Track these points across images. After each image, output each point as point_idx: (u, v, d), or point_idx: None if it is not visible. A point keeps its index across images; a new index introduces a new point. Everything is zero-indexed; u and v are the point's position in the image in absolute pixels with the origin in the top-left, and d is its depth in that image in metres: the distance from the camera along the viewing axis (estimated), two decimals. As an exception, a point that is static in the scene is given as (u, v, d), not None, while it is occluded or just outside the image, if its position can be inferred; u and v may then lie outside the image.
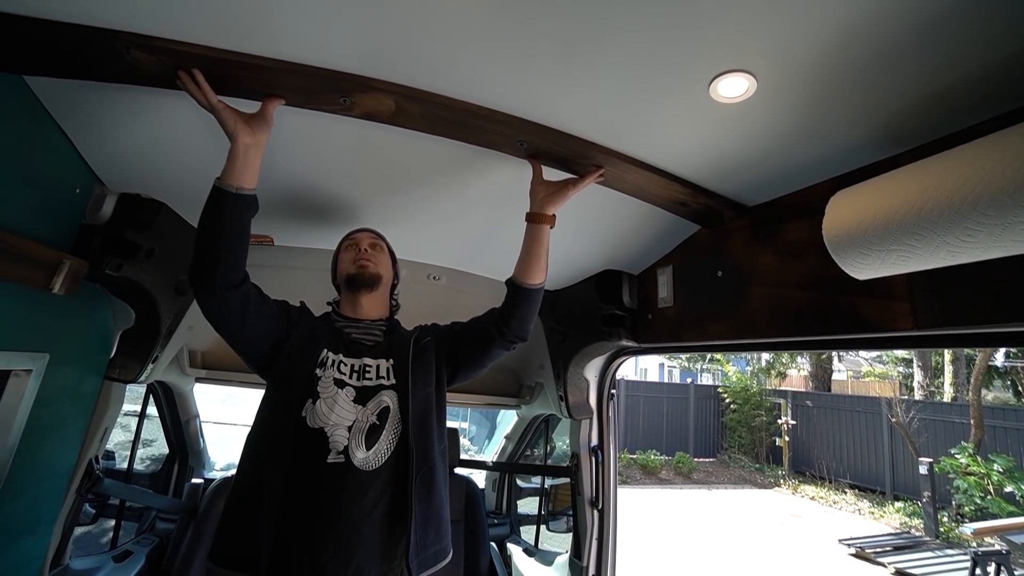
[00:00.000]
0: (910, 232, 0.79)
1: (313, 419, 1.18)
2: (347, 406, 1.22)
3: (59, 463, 1.39)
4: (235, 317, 1.16)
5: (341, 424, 1.19)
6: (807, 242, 1.19)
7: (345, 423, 1.20)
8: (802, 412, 11.47)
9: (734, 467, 11.69)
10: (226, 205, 1.07)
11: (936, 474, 7.50)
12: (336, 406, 1.20)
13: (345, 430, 1.19)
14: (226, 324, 1.17)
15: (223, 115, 1.02)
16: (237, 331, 1.20)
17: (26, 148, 1.08)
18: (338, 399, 1.21)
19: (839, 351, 5.47)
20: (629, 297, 1.82)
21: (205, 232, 1.08)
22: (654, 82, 0.92)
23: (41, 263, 1.14)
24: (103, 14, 0.86)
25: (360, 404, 1.24)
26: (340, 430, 1.19)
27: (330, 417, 1.19)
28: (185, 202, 1.46)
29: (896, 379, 13.77)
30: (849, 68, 0.82)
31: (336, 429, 1.18)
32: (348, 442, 1.18)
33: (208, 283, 1.09)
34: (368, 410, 1.24)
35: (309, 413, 1.19)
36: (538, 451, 3.11)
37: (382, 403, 1.26)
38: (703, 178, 1.26)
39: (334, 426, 1.18)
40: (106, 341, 1.51)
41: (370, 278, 1.37)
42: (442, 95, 1.03)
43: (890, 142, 0.98)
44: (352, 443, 1.19)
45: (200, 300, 1.13)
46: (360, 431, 1.21)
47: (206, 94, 0.98)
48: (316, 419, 1.18)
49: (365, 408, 1.24)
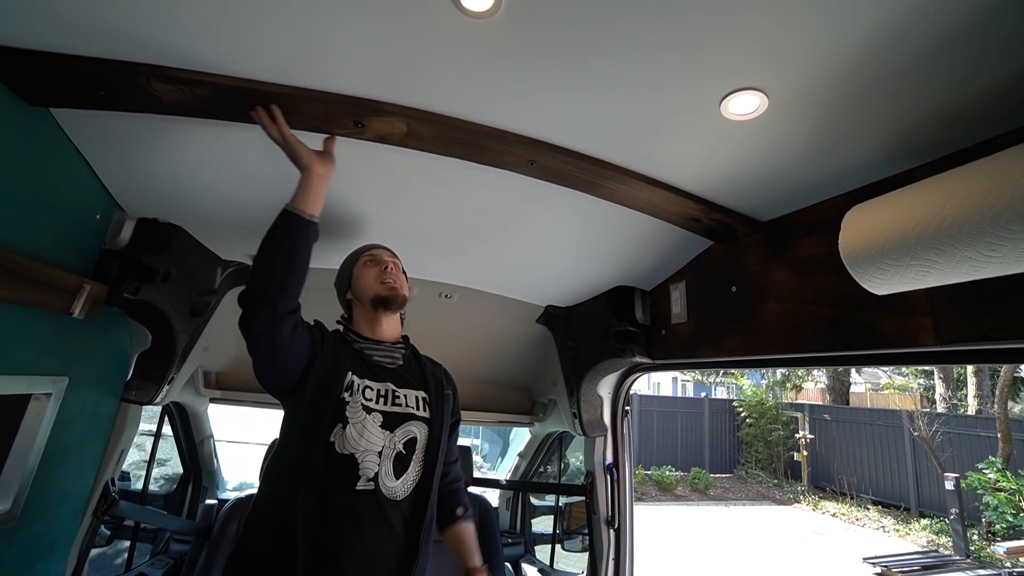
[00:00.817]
0: (930, 247, 0.77)
1: (343, 444, 1.15)
2: (376, 432, 1.20)
3: (76, 486, 1.40)
4: (285, 343, 1.11)
5: (371, 450, 1.17)
6: (823, 257, 1.18)
7: (375, 449, 1.18)
8: (820, 426, 11.22)
9: (752, 483, 11.42)
10: (300, 231, 1.06)
11: (963, 490, 7.24)
12: (366, 431, 1.18)
13: (376, 455, 1.18)
14: (273, 350, 1.11)
15: (296, 148, 1.05)
16: (282, 357, 1.13)
17: (51, 177, 1.11)
18: (367, 424, 1.19)
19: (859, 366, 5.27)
20: (642, 313, 1.81)
21: (274, 258, 1.06)
22: (665, 101, 0.93)
23: (62, 288, 1.17)
24: (124, 48, 0.89)
25: (388, 430, 1.22)
26: (371, 456, 1.17)
27: (360, 443, 1.16)
28: (200, 225, 1.48)
29: (917, 391, 13.44)
30: (862, 85, 0.81)
31: (367, 455, 1.16)
32: (379, 468, 1.17)
33: (270, 309, 1.06)
34: (396, 437, 1.22)
35: (339, 438, 1.16)
36: (552, 468, 3.07)
37: (410, 433, 1.25)
38: (716, 194, 1.26)
39: (364, 452, 1.16)
40: (123, 363, 1.53)
41: (403, 301, 1.34)
42: (454, 117, 1.04)
43: (905, 156, 0.97)
44: (382, 470, 1.18)
45: (254, 324, 1.07)
46: (389, 458, 1.20)
47: (280, 128, 1.02)
48: (346, 445, 1.15)
49: (393, 435, 1.22)
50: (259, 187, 1.32)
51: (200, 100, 0.99)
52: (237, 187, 1.32)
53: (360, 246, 1.45)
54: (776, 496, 10.63)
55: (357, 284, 1.36)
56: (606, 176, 1.20)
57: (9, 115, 0.99)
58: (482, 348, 2.37)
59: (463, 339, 2.29)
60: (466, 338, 2.29)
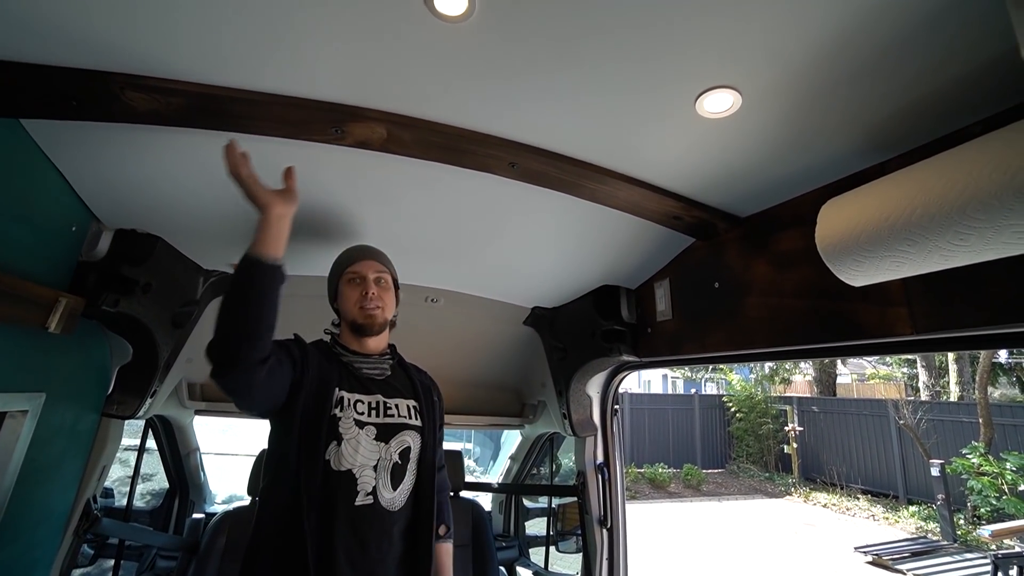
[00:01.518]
0: (902, 238, 0.79)
1: (338, 461, 1.14)
2: (370, 445, 1.19)
3: (56, 504, 1.37)
4: (262, 383, 1.05)
5: (367, 464, 1.17)
6: (801, 251, 1.20)
7: (371, 463, 1.18)
8: (809, 418, 11.37)
9: (743, 477, 11.53)
10: (264, 277, 1.00)
11: (949, 475, 7.39)
12: (360, 447, 1.17)
13: (372, 470, 1.17)
14: (250, 393, 1.05)
15: (253, 188, 1.03)
16: (261, 394, 1.08)
17: (22, 189, 1.08)
18: (361, 439, 1.18)
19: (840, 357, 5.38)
20: (628, 312, 1.82)
21: (241, 309, 0.99)
22: (641, 101, 0.94)
23: (37, 302, 1.14)
24: (97, 58, 0.87)
25: (382, 442, 1.21)
26: (367, 470, 1.17)
27: (356, 458, 1.16)
28: (180, 235, 1.46)
29: (901, 380, 13.69)
30: (831, 80, 0.83)
31: (363, 470, 1.16)
32: (376, 482, 1.17)
33: (242, 365, 0.99)
34: (391, 448, 1.22)
35: (334, 456, 1.14)
36: (544, 470, 3.07)
37: (404, 442, 1.25)
38: (695, 191, 1.28)
39: (361, 467, 1.16)
40: (103, 377, 1.50)
41: (380, 328, 1.31)
42: (433, 121, 1.04)
43: (877, 149, 0.99)
44: (379, 483, 1.17)
45: (226, 381, 1.00)
46: (385, 469, 1.20)
47: (244, 167, 1.02)
48: (342, 461, 1.15)
49: (388, 446, 1.22)
50: (237, 194, 1.30)
51: (175, 108, 0.98)
52: (217, 195, 1.30)
53: (348, 250, 1.40)
54: (768, 489, 10.75)
55: (340, 303, 1.35)
56: (586, 176, 1.20)
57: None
58: (470, 351, 2.37)
59: (450, 343, 2.28)
60: (453, 342, 2.28)
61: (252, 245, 1.02)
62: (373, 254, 1.39)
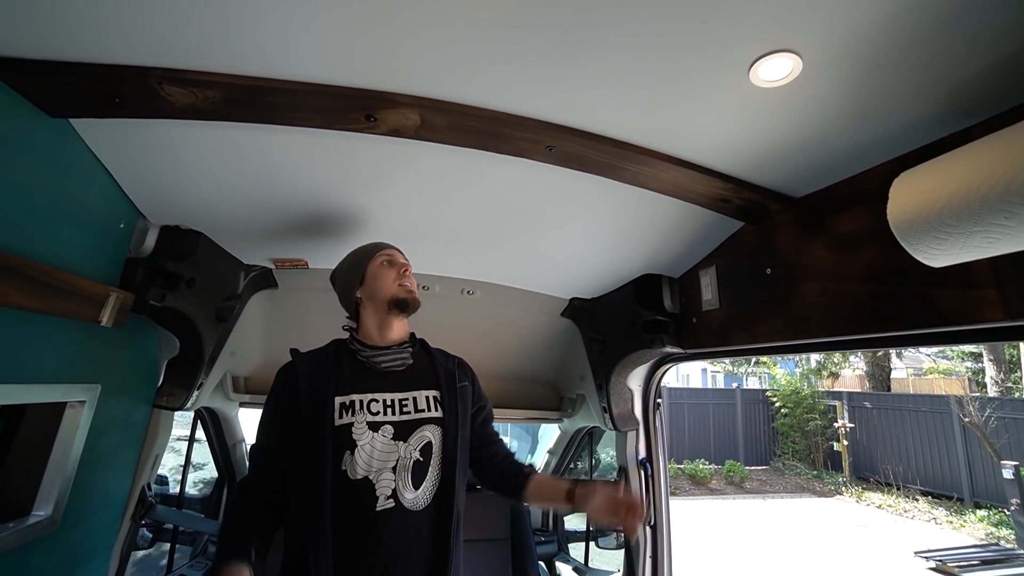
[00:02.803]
0: (998, 210, 0.70)
1: (354, 470, 1.12)
2: (387, 446, 1.16)
3: (113, 491, 1.43)
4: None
5: (385, 467, 1.14)
6: (865, 231, 1.10)
7: (389, 465, 1.15)
8: (860, 414, 10.80)
9: (789, 475, 11.09)
10: None
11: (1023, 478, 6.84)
12: (375, 451, 1.14)
13: (391, 472, 1.14)
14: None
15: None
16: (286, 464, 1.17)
17: (74, 188, 1.12)
18: (376, 443, 1.15)
19: (913, 347, 5.07)
20: (671, 301, 1.74)
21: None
22: (689, 72, 0.87)
23: (90, 297, 1.18)
24: (134, 53, 0.88)
25: (401, 440, 1.18)
26: (385, 473, 1.13)
27: (372, 464, 1.13)
28: (221, 230, 1.49)
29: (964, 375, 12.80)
30: (906, 38, 0.74)
31: (381, 474, 1.13)
32: (395, 484, 1.14)
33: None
34: (411, 446, 1.18)
35: (349, 465, 1.12)
36: (583, 464, 3.02)
37: (424, 438, 1.20)
38: (745, 171, 1.19)
39: (378, 471, 1.13)
40: (153, 370, 1.55)
41: (417, 304, 1.31)
42: (467, 104, 1.01)
43: (959, 115, 0.89)
44: (399, 484, 1.14)
45: None
46: (406, 469, 1.16)
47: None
48: (357, 469, 1.12)
49: (407, 444, 1.18)
50: (277, 188, 1.31)
51: (212, 102, 0.98)
52: (255, 189, 1.31)
53: (369, 244, 1.39)
54: (816, 488, 10.30)
55: (373, 284, 1.30)
56: (627, 158, 1.14)
57: (31, 128, 1.00)
58: (506, 344, 2.34)
59: (487, 335, 2.26)
60: (490, 334, 2.26)
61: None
62: (394, 247, 1.40)
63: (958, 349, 12.93)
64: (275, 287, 1.85)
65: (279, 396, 1.22)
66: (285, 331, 2.03)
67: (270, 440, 1.19)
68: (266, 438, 1.20)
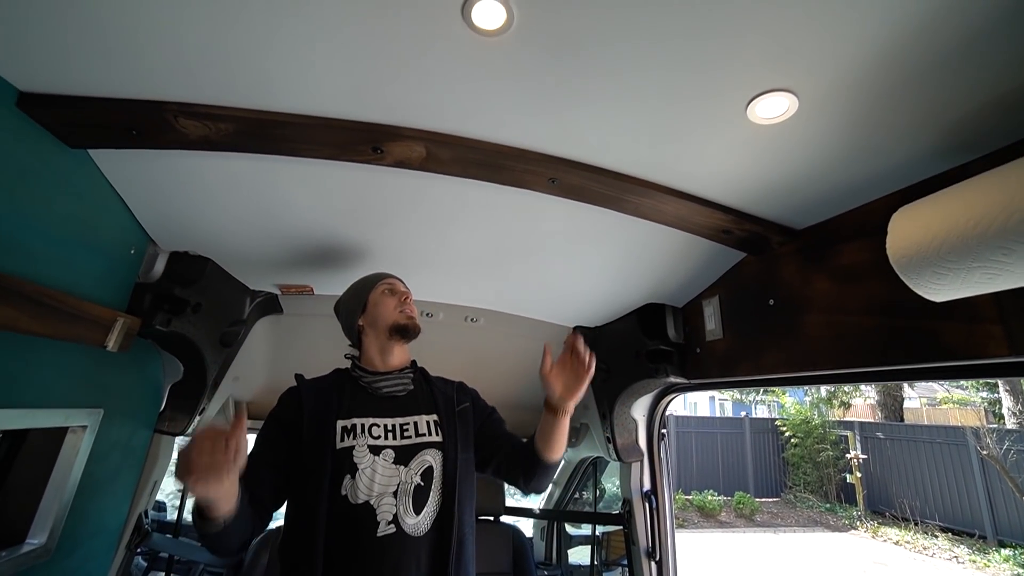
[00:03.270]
0: (996, 247, 0.70)
1: (355, 494, 1.11)
2: (388, 471, 1.15)
3: (110, 518, 1.41)
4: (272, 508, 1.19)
5: (386, 492, 1.13)
6: (868, 264, 1.10)
7: (390, 489, 1.14)
8: (873, 445, 10.51)
9: (801, 507, 10.75)
10: (212, 538, 1.00)
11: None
12: (377, 475, 1.14)
13: (392, 496, 1.13)
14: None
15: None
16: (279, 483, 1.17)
17: (89, 216, 1.15)
18: (377, 467, 1.15)
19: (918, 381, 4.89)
20: (674, 331, 1.73)
21: (212, 546, 1.04)
22: (688, 109, 0.89)
23: (98, 322, 1.20)
24: (153, 88, 0.92)
25: (402, 464, 1.17)
26: (386, 498, 1.13)
27: (373, 488, 1.12)
28: (229, 256, 1.52)
29: (980, 406, 12.48)
30: (903, 75, 0.76)
31: (382, 499, 1.12)
32: (396, 509, 1.13)
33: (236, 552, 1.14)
34: (412, 470, 1.18)
35: (350, 490, 1.12)
36: (587, 495, 2.95)
37: (425, 462, 1.20)
38: (746, 203, 1.20)
39: (379, 496, 1.12)
40: (156, 395, 1.56)
41: (417, 330, 1.33)
42: (471, 138, 1.03)
43: (957, 150, 0.90)
44: (401, 508, 1.13)
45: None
46: (407, 493, 1.15)
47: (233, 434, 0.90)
48: (358, 494, 1.11)
49: (408, 468, 1.18)
50: (285, 216, 1.34)
51: (224, 134, 1.02)
52: (263, 217, 1.34)
53: (372, 274, 1.42)
54: (830, 522, 9.95)
55: (375, 311, 1.33)
56: (629, 190, 1.16)
57: (52, 158, 1.03)
58: (510, 372, 2.32)
59: (490, 363, 2.25)
60: (493, 362, 2.25)
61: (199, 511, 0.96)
62: (394, 276, 1.43)
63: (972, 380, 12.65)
64: (280, 312, 1.87)
65: (280, 413, 1.23)
66: (289, 356, 2.03)
67: (268, 447, 1.19)
68: (264, 444, 1.20)
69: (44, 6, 0.74)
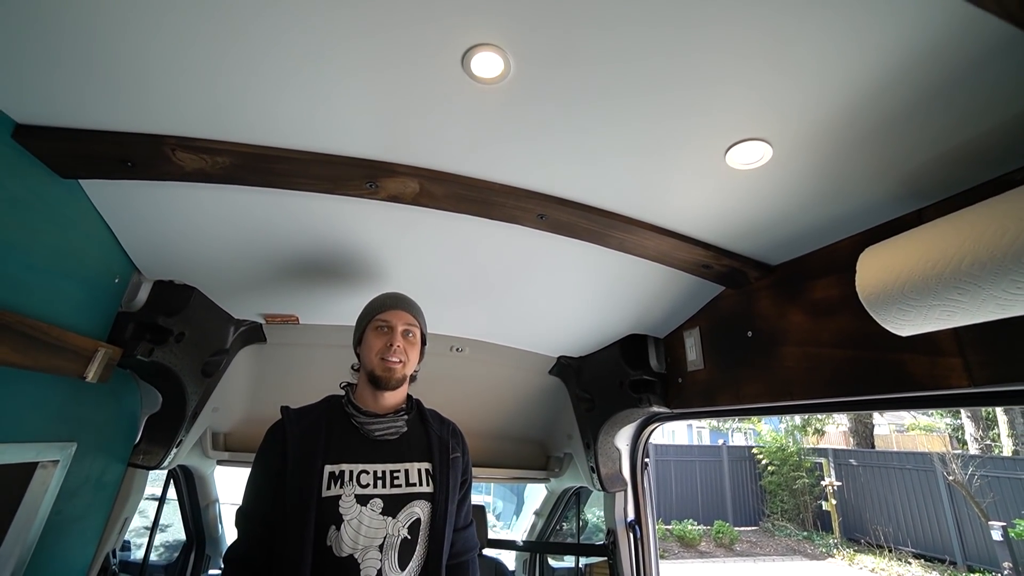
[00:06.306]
0: (951, 286, 0.76)
1: (339, 547, 1.07)
2: (375, 522, 1.11)
3: (76, 558, 1.34)
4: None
5: (371, 545, 1.09)
6: (839, 299, 1.17)
7: (376, 543, 1.09)
8: (847, 472, 10.69)
9: (779, 536, 10.76)
10: None
11: (1013, 540, 6.76)
12: (363, 527, 1.09)
13: (377, 550, 1.09)
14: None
15: None
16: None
17: (75, 245, 1.14)
18: (363, 518, 1.10)
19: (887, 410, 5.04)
20: (657, 361, 1.77)
21: None
22: (671, 154, 0.95)
23: (79, 352, 1.17)
24: (152, 122, 0.94)
25: (390, 515, 1.12)
26: (371, 552, 1.08)
27: (359, 541, 1.08)
28: (214, 285, 1.51)
29: (945, 432, 12.87)
30: (865, 129, 0.83)
31: (367, 552, 1.08)
32: (381, 564, 1.08)
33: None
34: (399, 523, 1.13)
35: (335, 541, 1.07)
36: (570, 526, 2.92)
37: (414, 514, 1.16)
38: (725, 240, 1.27)
39: (364, 549, 1.08)
40: (132, 427, 1.51)
41: (397, 383, 1.23)
42: (465, 176, 1.07)
43: (912, 197, 0.98)
44: (386, 564, 1.09)
45: None
46: (392, 547, 1.11)
47: None
48: (343, 547, 1.07)
49: (396, 520, 1.13)
50: (272, 246, 1.34)
51: (221, 167, 1.03)
52: (251, 247, 1.34)
53: (382, 296, 1.32)
54: (807, 550, 9.98)
55: (363, 349, 1.27)
56: (615, 227, 1.21)
57: (42, 188, 1.03)
58: (494, 401, 2.32)
59: (474, 392, 2.25)
60: (477, 391, 2.25)
61: None
62: (406, 305, 1.30)
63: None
64: (264, 342, 1.84)
65: (268, 457, 1.17)
66: (271, 386, 2.00)
67: (260, 503, 1.14)
68: (256, 501, 1.15)
69: (46, 39, 0.76)
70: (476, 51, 0.75)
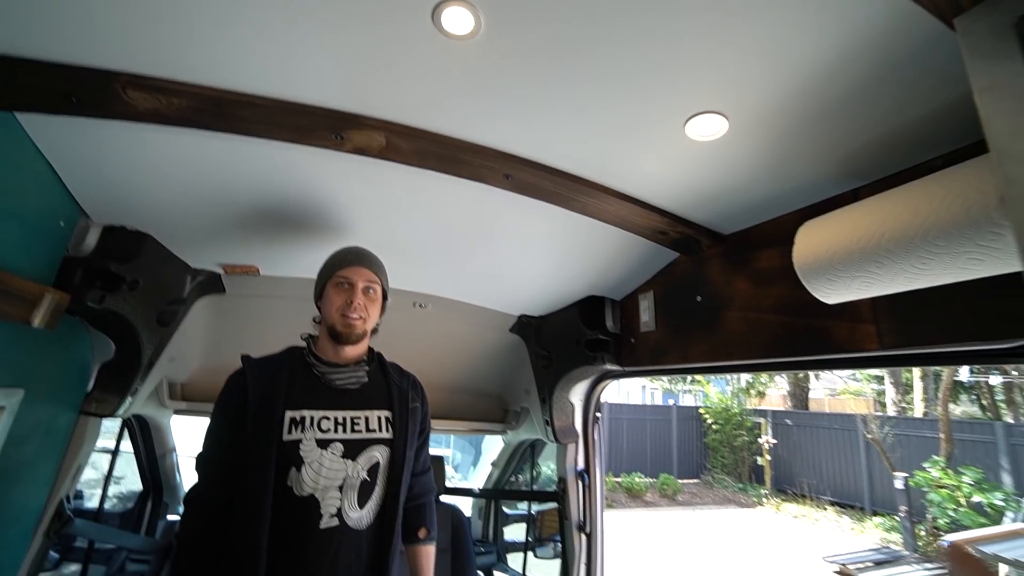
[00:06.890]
0: (872, 260, 0.85)
1: (300, 487, 1.12)
2: (335, 464, 1.16)
3: (28, 504, 1.34)
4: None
5: (331, 486, 1.14)
6: (779, 269, 1.26)
7: (335, 483, 1.15)
8: (782, 431, 11.62)
9: (718, 487, 11.70)
10: None
11: (911, 488, 7.65)
12: (323, 468, 1.14)
13: (336, 491, 1.14)
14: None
15: None
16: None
17: (11, 183, 1.07)
18: (324, 460, 1.15)
19: (813, 371, 5.54)
20: (612, 322, 1.86)
21: None
22: (633, 122, 0.99)
23: (23, 297, 1.12)
24: (100, 56, 0.88)
25: (350, 458, 1.18)
26: (332, 492, 1.14)
27: (319, 481, 1.13)
28: (170, 233, 1.46)
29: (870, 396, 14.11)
30: (813, 111, 0.89)
31: (327, 492, 1.13)
32: (341, 502, 1.14)
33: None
34: (359, 465, 1.19)
35: (295, 482, 1.12)
36: (524, 477, 3.09)
37: (373, 458, 1.21)
38: (681, 208, 1.33)
39: (324, 489, 1.13)
40: (83, 375, 1.47)
41: (357, 338, 1.26)
42: (432, 132, 1.07)
43: (850, 177, 1.06)
44: (345, 503, 1.15)
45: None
46: (352, 488, 1.16)
47: None
48: (303, 487, 1.12)
49: (356, 463, 1.18)
50: (232, 195, 1.31)
51: (177, 109, 0.99)
52: (210, 195, 1.30)
53: (343, 251, 1.33)
54: (741, 500, 10.94)
55: (323, 304, 1.28)
56: (578, 190, 1.25)
57: (-32, 119, 0.96)
58: (455, 357, 2.38)
59: (436, 348, 2.30)
60: (439, 347, 2.30)
61: None
62: (368, 261, 1.32)
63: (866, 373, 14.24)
64: (223, 292, 1.81)
65: (228, 404, 1.19)
66: (229, 337, 1.97)
67: (220, 448, 1.17)
68: (216, 446, 1.18)
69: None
70: (446, 5, 0.74)
